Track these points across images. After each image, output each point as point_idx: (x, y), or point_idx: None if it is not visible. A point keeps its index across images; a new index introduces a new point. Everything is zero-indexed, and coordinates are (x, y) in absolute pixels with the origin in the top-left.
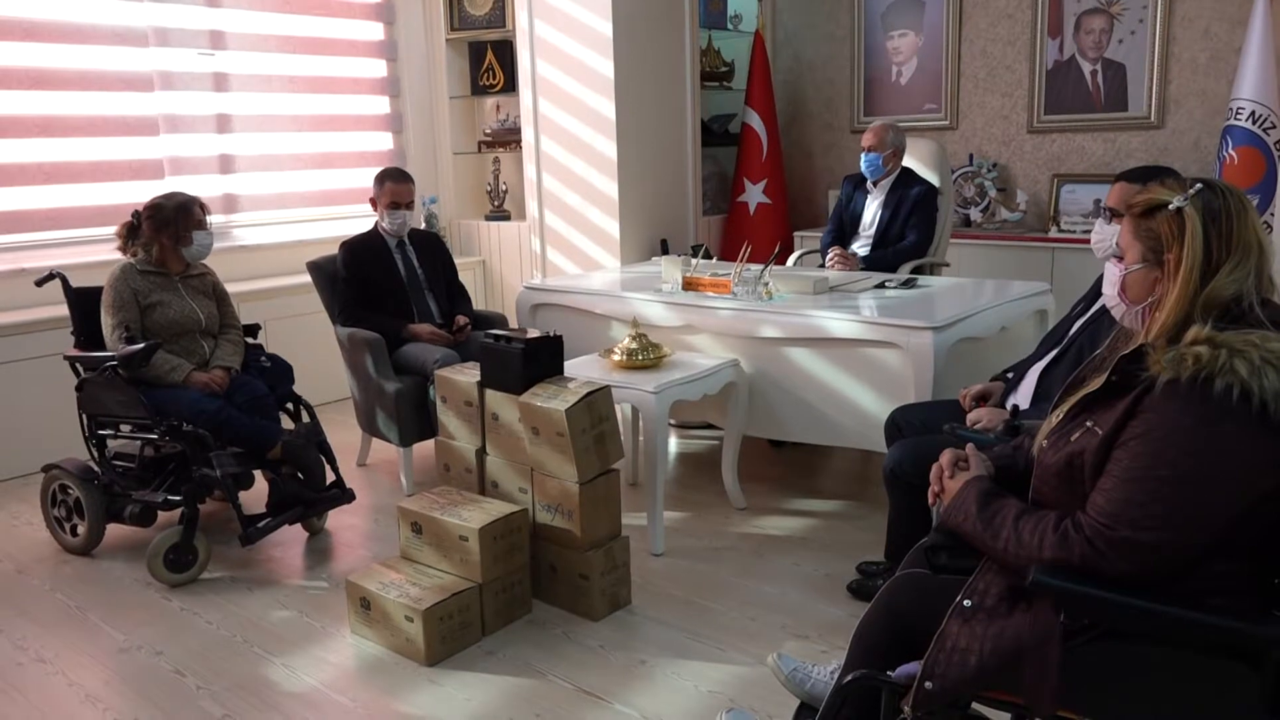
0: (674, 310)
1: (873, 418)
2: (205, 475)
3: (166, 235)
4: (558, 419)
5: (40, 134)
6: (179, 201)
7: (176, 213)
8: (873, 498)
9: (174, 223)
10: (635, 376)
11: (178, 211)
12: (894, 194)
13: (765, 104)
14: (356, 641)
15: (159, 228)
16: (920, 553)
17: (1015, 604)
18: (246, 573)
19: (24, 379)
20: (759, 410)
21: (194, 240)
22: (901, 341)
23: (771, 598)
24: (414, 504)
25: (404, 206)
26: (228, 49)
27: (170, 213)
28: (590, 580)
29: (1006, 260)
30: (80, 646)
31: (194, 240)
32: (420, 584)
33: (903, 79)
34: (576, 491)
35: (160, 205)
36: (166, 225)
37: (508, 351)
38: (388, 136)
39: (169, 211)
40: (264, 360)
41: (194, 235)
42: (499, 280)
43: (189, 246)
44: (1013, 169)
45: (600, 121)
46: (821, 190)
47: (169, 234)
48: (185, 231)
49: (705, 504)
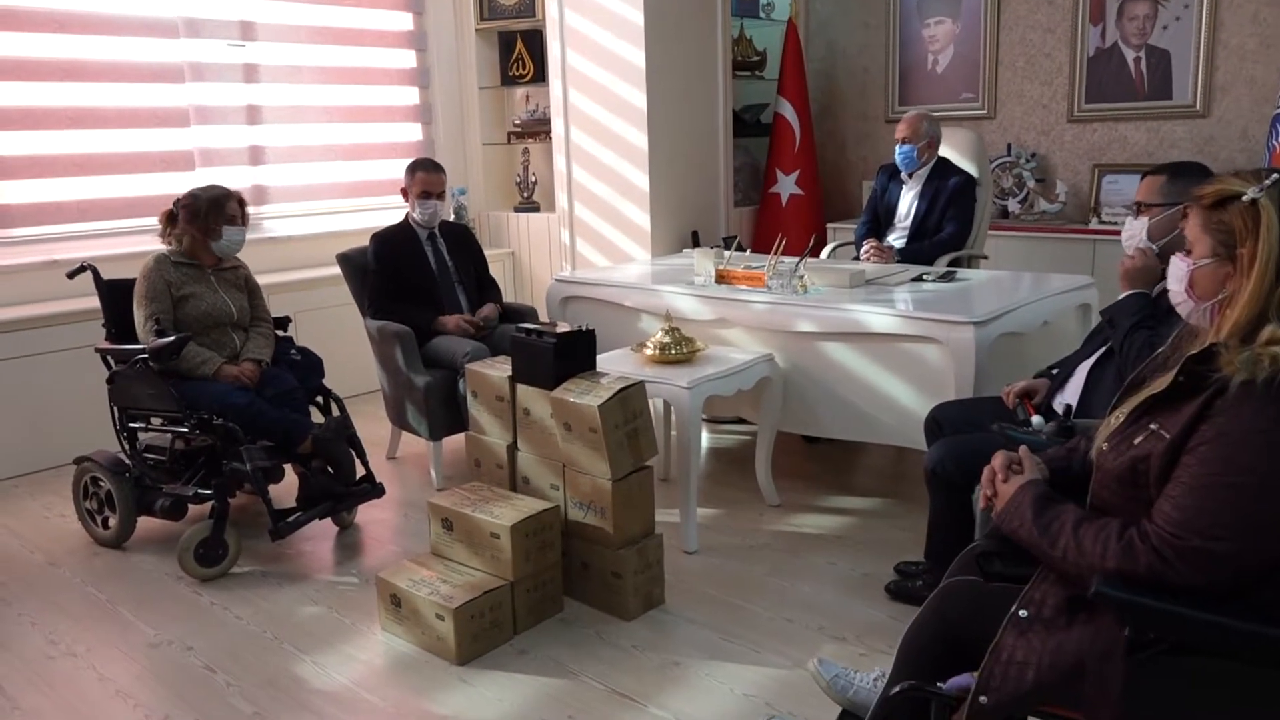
0: (707, 304)
1: (911, 414)
2: (235, 469)
3: (197, 227)
4: (591, 415)
5: (71, 125)
6: (214, 195)
7: (210, 206)
8: (908, 495)
9: (205, 215)
10: (668, 371)
11: (211, 205)
12: (930, 185)
13: (798, 93)
14: (387, 639)
15: (191, 219)
16: (970, 558)
17: (1074, 615)
18: (276, 567)
19: (56, 371)
20: (793, 406)
21: (224, 235)
22: (942, 337)
23: (807, 598)
24: (445, 500)
25: (435, 197)
26: (258, 40)
27: (203, 205)
28: (623, 579)
29: (1045, 253)
30: (111, 641)
31: (224, 235)
32: (451, 581)
33: (939, 67)
34: (609, 488)
35: (195, 196)
36: (197, 217)
37: (539, 346)
38: (417, 128)
39: (202, 203)
40: (294, 353)
41: (224, 230)
42: (528, 272)
43: (218, 240)
44: (1052, 159)
45: (631, 112)
46: (855, 181)
47: (199, 226)
48: (216, 225)
49: (738, 500)
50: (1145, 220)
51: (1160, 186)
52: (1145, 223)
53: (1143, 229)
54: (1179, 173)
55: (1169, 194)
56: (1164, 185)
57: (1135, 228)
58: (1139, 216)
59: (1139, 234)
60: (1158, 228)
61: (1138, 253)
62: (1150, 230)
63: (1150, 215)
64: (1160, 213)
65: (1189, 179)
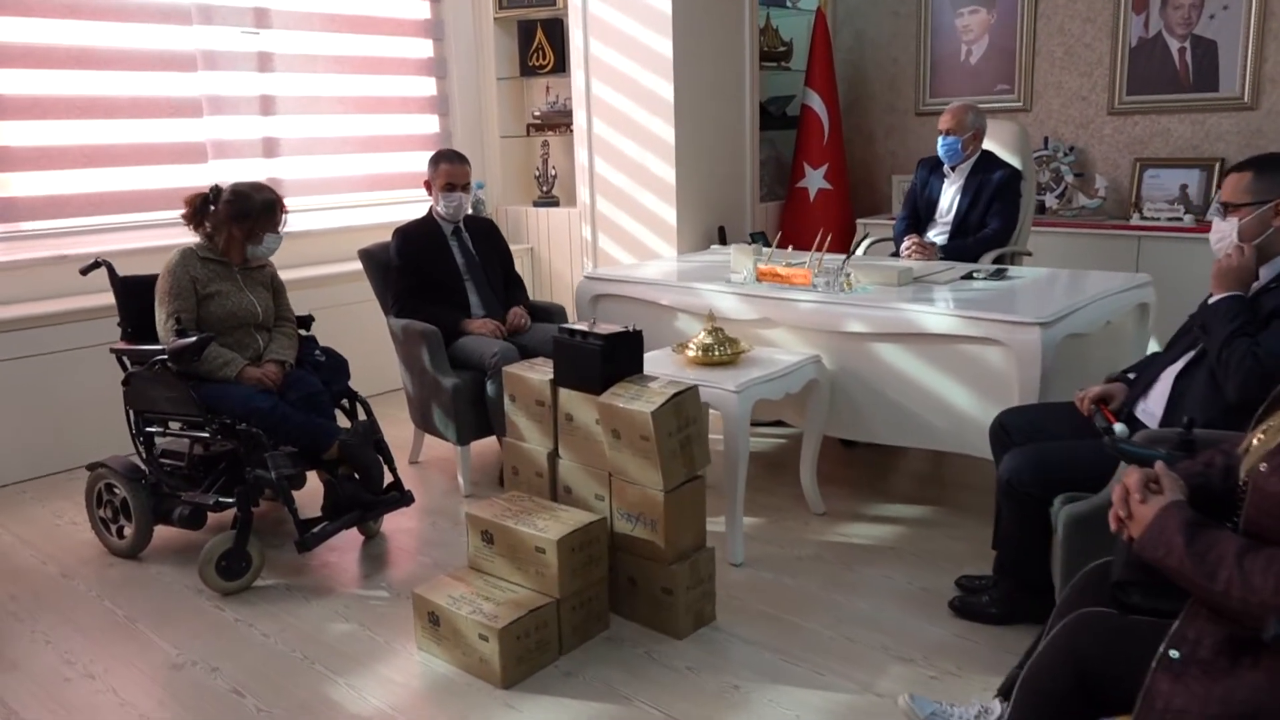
0: (749, 302)
1: (970, 420)
2: (259, 476)
3: (241, 227)
4: (643, 421)
5: (80, 115)
6: (268, 199)
7: (262, 209)
8: (956, 502)
9: (254, 218)
10: (712, 374)
11: (264, 208)
12: (974, 179)
13: (826, 85)
14: (424, 659)
15: (236, 217)
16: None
17: (1238, 658)
18: (301, 580)
19: (64, 370)
20: (841, 410)
21: (264, 241)
22: (1005, 338)
23: (866, 615)
24: (484, 511)
25: (460, 189)
26: (272, 27)
27: (256, 207)
28: (674, 595)
29: (1087, 249)
30: (131, 661)
31: (264, 241)
32: (494, 599)
33: (973, 58)
34: (661, 499)
35: (247, 195)
36: (245, 218)
37: (585, 348)
38: (434, 119)
39: (255, 205)
40: (318, 354)
41: (266, 237)
42: (548, 268)
43: (258, 245)
44: (1091, 153)
45: (657, 103)
46: (884, 176)
47: (243, 227)
48: (261, 230)
49: (782, 508)
50: (1235, 221)
51: (1247, 184)
52: (1235, 224)
53: (1233, 230)
54: (1264, 167)
55: (1257, 191)
56: (1250, 183)
57: (1224, 229)
58: (1227, 218)
59: (1229, 235)
60: (1249, 228)
61: (1235, 249)
62: (1241, 231)
63: (1240, 216)
64: (1250, 212)
65: (1276, 173)
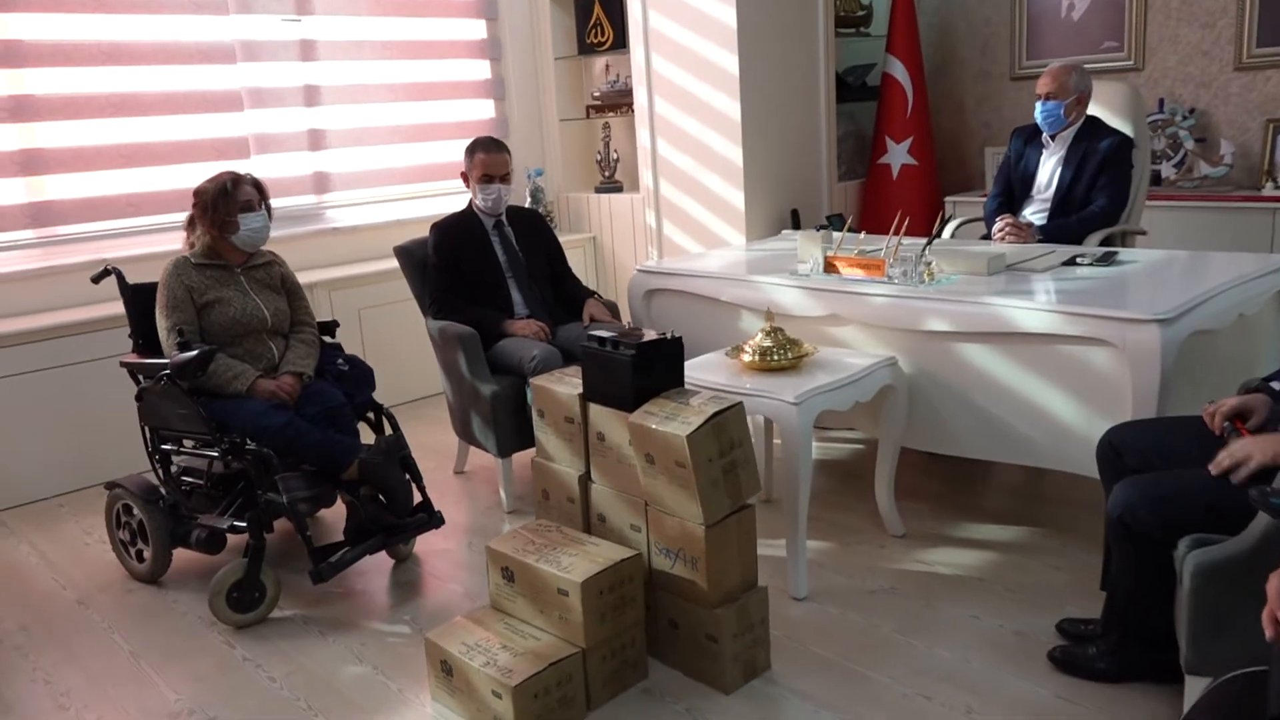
0: (815, 297)
1: (1073, 434)
2: (271, 500)
3: (210, 222)
4: (678, 446)
5: (114, 113)
6: (219, 182)
7: (217, 194)
8: (1056, 523)
9: (214, 207)
10: (770, 381)
11: (218, 193)
12: (1077, 148)
13: (910, 51)
14: (437, 711)
15: (202, 214)
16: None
17: None
18: (321, 611)
19: (104, 379)
20: (921, 419)
21: (240, 225)
22: (1115, 338)
23: (948, 666)
24: (505, 545)
25: (498, 180)
26: (314, 14)
27: (210, 196)
28: (720, 643)
29: (1210, 225)
30: (126, 706)
31: (240, 225)
32: (512, 647)
33: (1075, 13)
34: (701, 535)
35: (202, 189)
36: (207, 211)
37: (615, 359)
38: (489, 104)
39: (209, 195)
40: (341, 363)
41: (240, 220)
42: (611, 258)
43: (235, 233)
44: (1215, 115)
45: (722, 78)
46: (975, 149)
47: (211, 220)
48: (229, 216)
49: (853, 529)
50: None
51: None
52: None
53: None
54: None
55: None
56: None
57: None
58: None
59: None
60: None
61: None
62: None
63: None
64: None
65: None
